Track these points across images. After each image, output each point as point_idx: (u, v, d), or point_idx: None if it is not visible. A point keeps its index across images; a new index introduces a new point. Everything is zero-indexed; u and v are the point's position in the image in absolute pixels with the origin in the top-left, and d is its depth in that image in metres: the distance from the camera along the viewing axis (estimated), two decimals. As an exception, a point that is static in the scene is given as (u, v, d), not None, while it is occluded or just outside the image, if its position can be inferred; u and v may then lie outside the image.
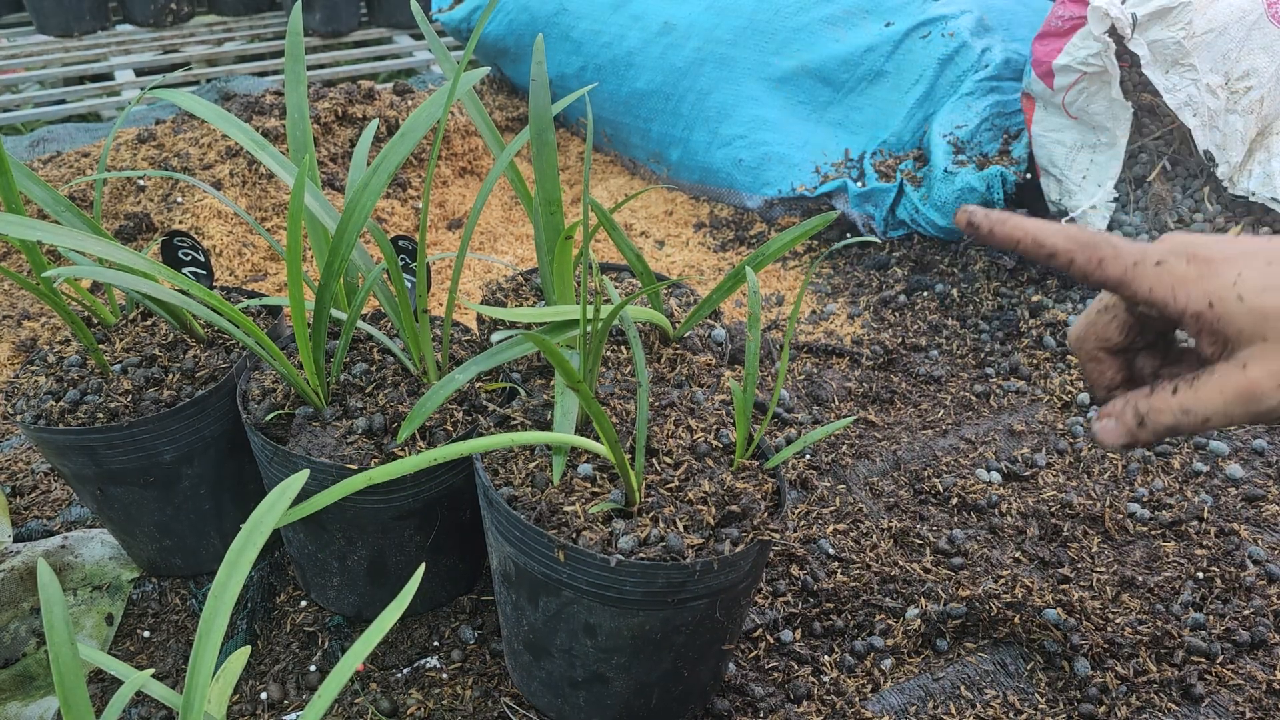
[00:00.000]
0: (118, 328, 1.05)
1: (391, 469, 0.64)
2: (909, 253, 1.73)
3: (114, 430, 0.92)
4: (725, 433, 0.89)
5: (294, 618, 1.03)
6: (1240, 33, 1.45)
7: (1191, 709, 0.94)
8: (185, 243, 1.04)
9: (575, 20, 2.12)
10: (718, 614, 0.80)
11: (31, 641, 0.99)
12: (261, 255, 1.70)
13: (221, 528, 1.04)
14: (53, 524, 1.17)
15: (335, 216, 0.91)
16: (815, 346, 1.52)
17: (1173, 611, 1.04)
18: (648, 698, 0.85)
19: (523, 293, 1.12)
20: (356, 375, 0.96)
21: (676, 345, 1.04)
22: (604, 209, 0.96)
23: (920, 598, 1.05)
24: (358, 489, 0.63)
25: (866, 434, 1.33)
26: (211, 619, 0.60)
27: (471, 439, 0.80)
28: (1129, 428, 0.76)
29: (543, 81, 0.88)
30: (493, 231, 1.89)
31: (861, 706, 0.93)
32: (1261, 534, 1.14)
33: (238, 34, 3.35)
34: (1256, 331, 0.69)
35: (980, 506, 1.18)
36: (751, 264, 0.93)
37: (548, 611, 0.81)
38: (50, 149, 2.18)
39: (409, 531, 0.94)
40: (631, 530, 0.77)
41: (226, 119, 0.93)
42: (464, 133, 2.07)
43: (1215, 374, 0.71)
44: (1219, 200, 1.58)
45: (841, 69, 1.85)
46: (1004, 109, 1.72)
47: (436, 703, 0.94)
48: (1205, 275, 0.71)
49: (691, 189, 2.03)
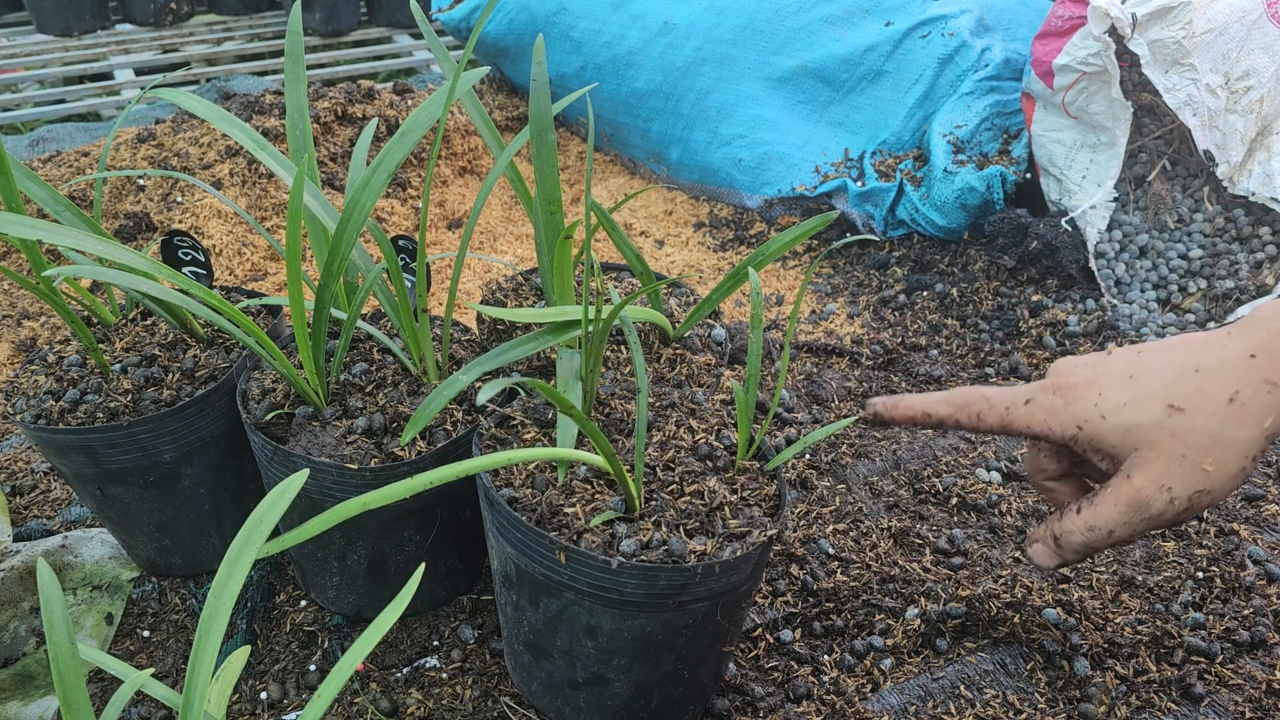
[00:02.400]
0: (118, 327, 1.05)
1: (387, 493, 0.63)
2: (909, 252, 1.73)
3: (114, 430, 0.92)
4: (726, 433, 0.89)
5: (294, 617, 1.03)
6: (1240, 33, 1.45)
7: (1191, 709, 0.94)
8: (185, 242, 1.04)
9: (575, 20, 2.12)
10: (719, 616, 0.80)
11: (31, 641, 0.99)
12: (261, 255, 1.70)
13: (221, 528, 1.04)
14: (53, 524, 1.17)
15: (335, 216, 0.91)
16: (815, 346, 1.52)
17: (1172, 611, 1.04)
18: (648, 699, 0.85)
19: (523, 292, 1.12)
20: (356, 375, 0.96)
21: (676, 345, 1.04)
22: (604, 209, 0.96)
23: (920, 597, 1.05)
24: (353, 514, 0.62)
25: (866, 434, 1.33)
26: (211, 619, 0.60)
27: (471, 458, 0.80)
28: (1051, 550, 0.83)
29: (543, 81, 0.88)
30: (493, 231, 1.89)
31: (861, 706, 0.93)
32: (1261, 534, 1.14)
33: (237, 33, 3.35)
34: (1127, 444, 0.72)
35: (980, 506, 1.18)
36: (751, 264, 0.93)
37: (548, 613, 0.81)
38: (50, 148, 2.18)
39: (409, 531, 0.94)
40: (633, 534, 0.77)
41: (226, 118, 0.93)
42: (464, 132, 2.07)
43: (1108, 488, 0.75)
44: (1219, 200, 1.58)
45: (841, 69, 1.85)
46: (1004, 109, 1.72)
47: (436, 703, 0.94)
48: (1070, 402, 0.76)
49: (691, 189, 2.03)
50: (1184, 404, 0.69)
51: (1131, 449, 0.72)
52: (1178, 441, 0.69)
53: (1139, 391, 0.71)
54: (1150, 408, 0.70)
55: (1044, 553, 0.83)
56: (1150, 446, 0.71)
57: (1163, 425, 0.70)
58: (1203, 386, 0.69)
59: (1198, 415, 0.69)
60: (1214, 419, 0.69)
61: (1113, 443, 0.73)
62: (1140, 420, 0.71)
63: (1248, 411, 0.68)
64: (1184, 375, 0.70)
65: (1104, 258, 1.58)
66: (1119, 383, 0.73)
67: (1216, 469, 0.69)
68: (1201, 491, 0.70)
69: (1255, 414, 0.68)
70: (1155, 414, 0.70)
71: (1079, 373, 0.76)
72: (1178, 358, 0.72)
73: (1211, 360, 0.70)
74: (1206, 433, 0.69)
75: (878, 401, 0.87)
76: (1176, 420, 0.69)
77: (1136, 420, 0.71)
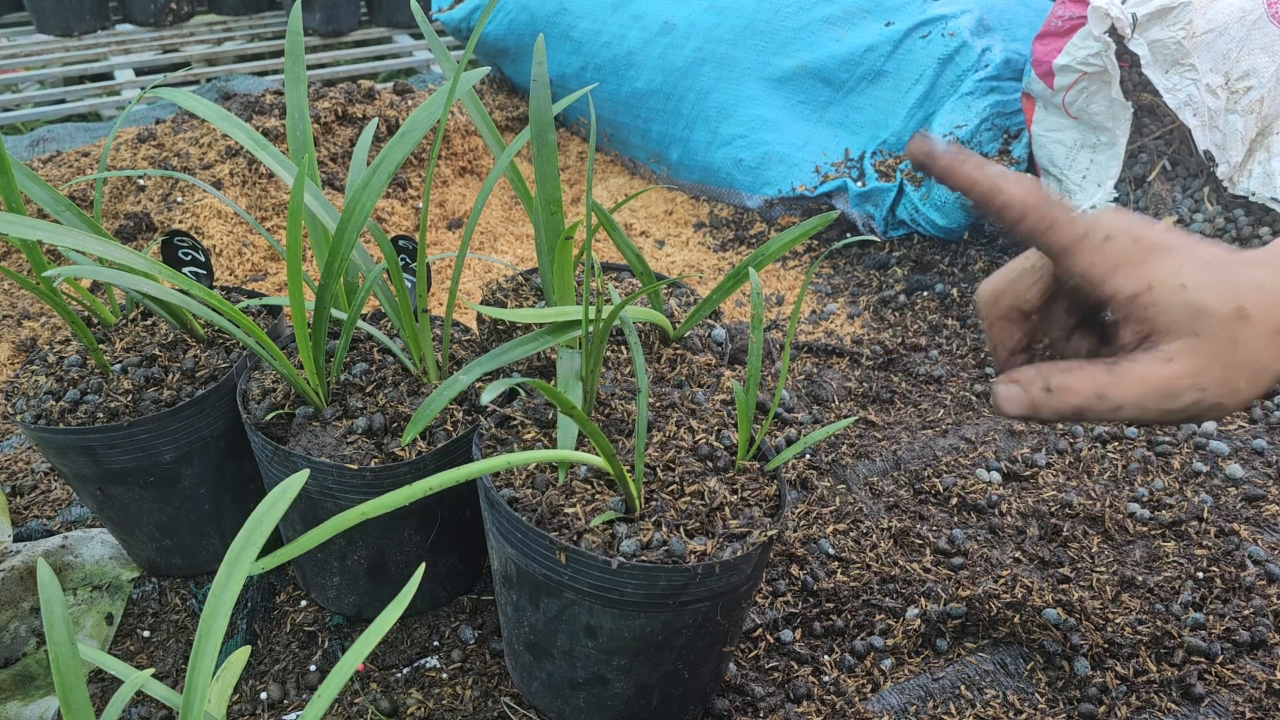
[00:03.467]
0: (118, 327, 1.05)
1: (384, 501, 0.63)
2: (909, 252, 1.73)
3: (114, 430, 0.92)
4: (726, 434, 0.89)
5: (294, 617, 1.03)
6: (1240, 33, 1.45)
7: (1191, 709, 0.94)
8: (185, 242, 1.04)
9: (575, 20, 2.12)
10: (719, 616, 0.80)
11: (31, 641, 0.99)
12: (261, 255, 1.70)
13: (221, 528, 1.04)
14: (53, 524, 1.17)
15: (335, 216, 0.91)
16: (815, 346, 1.52)
17: (1173, 611, 1.03)
18: (648, 699, 0.85)
19: (523, 293, 1.12)
20: (356, 375, 0.96)
21: (676, 345, 1.04)
22: (604, 209, 0.96)
23: (920, 597, 1.05)
24: (351, 524, 0.62)
25: (866, 434, 1.33)
26: (211, 619, 0.60)
27: (471, 462, 0.79)
28: (1033, 399, 0.72)
29: (543, 81, 0.88)
30: (493, 231, 1.89)
31: (861, 706, 0.93)
32: (1261, 534, 1.14)
33: (238, 33, 3.35)
34: (1188, 326, 0.68)
35: (980, 506, 1.18)
36: (751, 264, 0.93)
37: (549, 613, 0.81)
38: (50, 148, 2.18)
39: (409, 531, 0.94)
40: (633, 534, 0.77)
41: (226, 118, 0.93)
42: (464, 132, 2.07)
43: (1138, 362, 0.69)
44: (1219, 200, 1.57)
45: (841, 69, 1.85)
46: (1004, 109, 1.72)
47: (436, 703, 0.94)
48: (1149, 260, 0.69)
49: (691, 189, 2.03)
50: (1252, 313, 0.66)
51: (1190, 333, 0.67)
52: (1233, 348, 0.66)
53: (1215, 278, 0.67)
54: (1225, 301, 0.66)
55: (1018, 398, 0.72)
56: (1210, 338, 0.66)
57: (1229, 325, 0.66)
58: (1263, 304, 0.66)
59: (1257, 332, 0.66)
60: (1263, 340, 0.66)
61: (1173, 318, 0.67)
62: (1214, 308, 0.66)
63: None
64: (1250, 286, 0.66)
65: (1104, 258, 1.58)
66: (1197, 261, 0.68)
67: (1248, 387, 0.66)
68: (1220, 404, 0.67)
69: None
70: (1228, 308, 0.66)
71: (1158, 235, 0.69)
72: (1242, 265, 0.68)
73: (1273, 282, 0.67)
74: (1255, 349, 0.66)
75: (938, 143, 0.73)
76: (1240, 327, 0.66)
77: (1211, 306, 0.66)
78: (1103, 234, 0.71)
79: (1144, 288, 0.69)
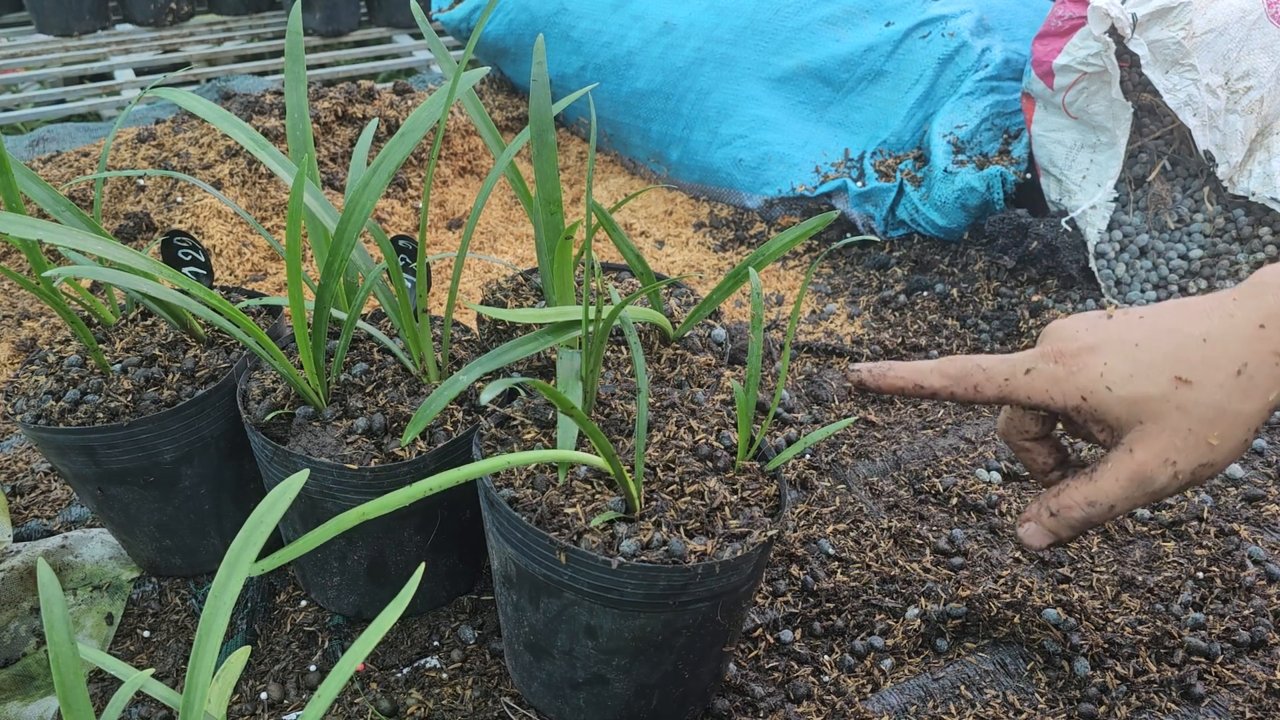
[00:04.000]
0: (118, 327, 1.05)
1: (384, 502, 0.63)
2: (909, 253, 1.73)
3: (114, 430, 0.92)
4: (726, 434, 0.89)
5: (294, 617, 1.03)
6: (1240, 33, 1.45)
7: (1191, 709, 0.94)
8: (185, 242, 1.04)
9: (575, 20, 2.12)
10: (719, 616, 0.80)
11: (31, 641, 0.99)
12: (261, 255, 1.70)
13: (221, 528, 1.04)
14: (53, 524, 1.17)
15: (335, 216, 0.91)
16: (815, 346, 1.52)
17: (1172, 611, 1.03)
18: (648, 699, 0.85)
19: (523, 293, 1.12)
20: (356, 375, 0.96)
21: (676, 345, 1.04)
22: (604, 209, 0.96)
23: (920, 597, 1.05)
24: (351, 525, 0.62)
25: (866, 434, 1.33)
26: (211, 619, 0.60)
27: (471, 463, 0.79)
28: (1048, 528, 0.79)
29: (543, 81, 0.88)
30: (493, 231, 1.89)
31: (862, 706, 0.93)
32: (1261, 534, 1.14)
33: (237, 33, 3.35)
34: (1132, 417, 0.70)
35: (980, 506, 1.18)
36: (751, 264, 0.93)
37: (549, 613, 0.81)
38: (50, 148, 2.18)
39: (409, 531, 0.94)
40: (633, 534, 0.77)
41: (226, 118, 0.93)
42: (464, 132, 2.07)
43: (1109, 462, 0.73)
44: (1219, 200, 1.58)
45: (841, 69, 1.85)
46: (1004, 109, 1.72)
47: (436, 703, 0.94)
48: (1074, 372, 0.72)
49: (691, 189, 2.03)
50: (1191, 376, 0.66)
51: (1136, 422, 0.69)
52: (1184, 415, 0.67)
53: (1145, 361, 0.68)
54: (1157, 379, 0.68)
55: (1037, 532, 0.79)
56: (1155, 420, 0.68)
57: (1169, 398, 0.67)
58: (1210, 358, 0.66)
59: (1204, 388, 0.66)
60: (1221, 392, 0.66)
61: (1117, 415, 0.70)
62: (1147, 393, 0.68)
63: (1255, 384, 0.66)
64: (1190, 345, 0.67)
65: (1104, 258, 1.58)
66: (1124, 351, 0.70)
67: (1221, 442, 0.67)
68: (1205, 465, 0.68)
69: (1262, 386, 0.66)
70: (1162, 386, 0.67)
71: (1080, 338, 0.73)
72: (1183, 326, 0.68)
73: (1218, 330, 0.67)
74: (1213, 406, 0.66)
75: (863, 367, 0.82)
76: (1183, 393, 0.67)
77: (1143, 393, 0.68)
78: (1023, 369, 0.75)
79: (1079, 401, 0.72)
